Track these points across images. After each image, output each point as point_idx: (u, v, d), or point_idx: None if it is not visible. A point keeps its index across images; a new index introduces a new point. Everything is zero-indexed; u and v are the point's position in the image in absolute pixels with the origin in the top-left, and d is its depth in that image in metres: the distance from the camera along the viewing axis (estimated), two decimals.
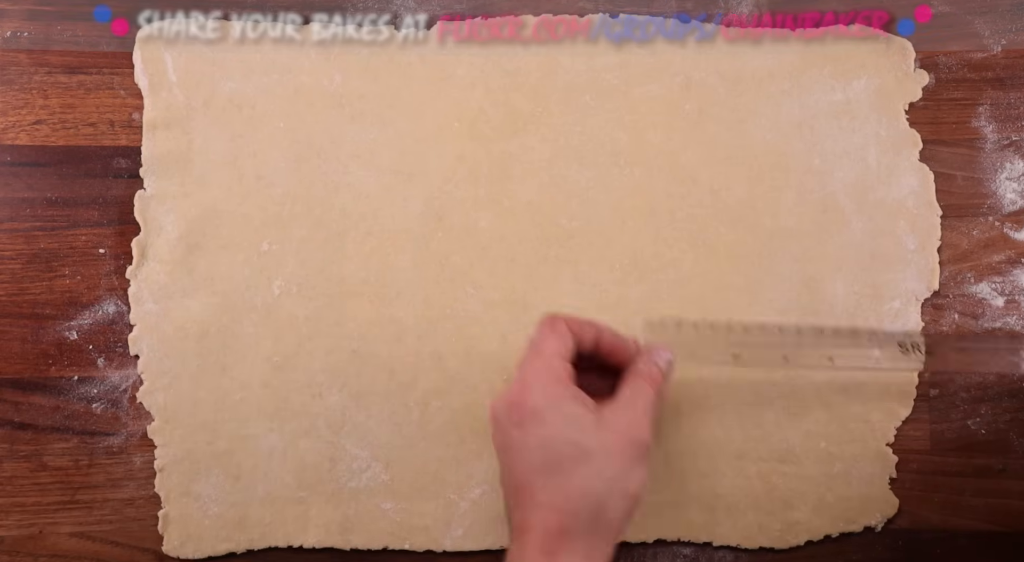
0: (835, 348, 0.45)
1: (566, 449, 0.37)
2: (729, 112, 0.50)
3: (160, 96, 0.49)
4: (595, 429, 0.38)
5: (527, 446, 0.38)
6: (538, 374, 0.39)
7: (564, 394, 0.39)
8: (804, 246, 0.49)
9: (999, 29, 0.50)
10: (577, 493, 0.37)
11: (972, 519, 0.49)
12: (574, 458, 0.37)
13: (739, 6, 0.51)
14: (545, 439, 0.38)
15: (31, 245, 0.49)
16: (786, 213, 0.50)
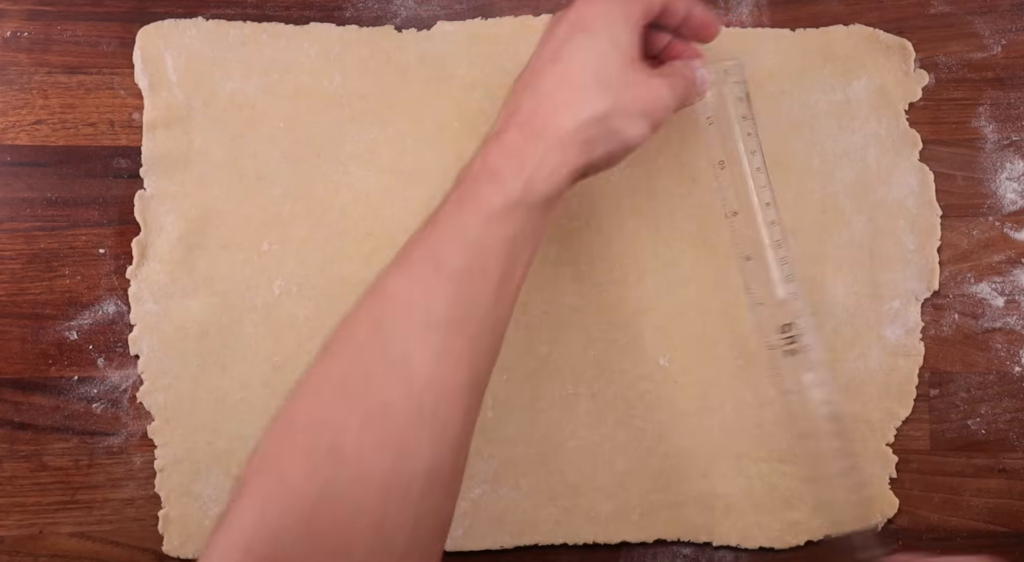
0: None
1: (592, 77, 0.38)
2: None
3: (160, 96, 0.49)
4: (630, 72, 0.39)
5: (565, 58, 0.38)
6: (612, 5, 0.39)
7: (623, 30, 0.39)
8: (804, 246, 0.49)
9: (999, 29, 0.50)
10: (586, 114, 0.37)
11: (972, 519, 0.49)
12: (597, 85, 0.38)
13: (739, 6, 0.51)
14: (585, 58, 0.38)
15: (31, 245, 0.49)
16: (786, 213, 0.50)
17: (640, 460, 0.49)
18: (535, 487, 0.49)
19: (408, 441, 0.32)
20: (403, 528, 0.31)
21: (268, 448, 0.32)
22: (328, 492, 0.30)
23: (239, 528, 0.30)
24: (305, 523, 0.30)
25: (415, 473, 0.32)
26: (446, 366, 0.33)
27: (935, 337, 0.50)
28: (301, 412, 0.32)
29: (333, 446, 0.31)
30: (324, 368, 0.33)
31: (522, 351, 0.49)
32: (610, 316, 0.50)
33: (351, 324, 0.34)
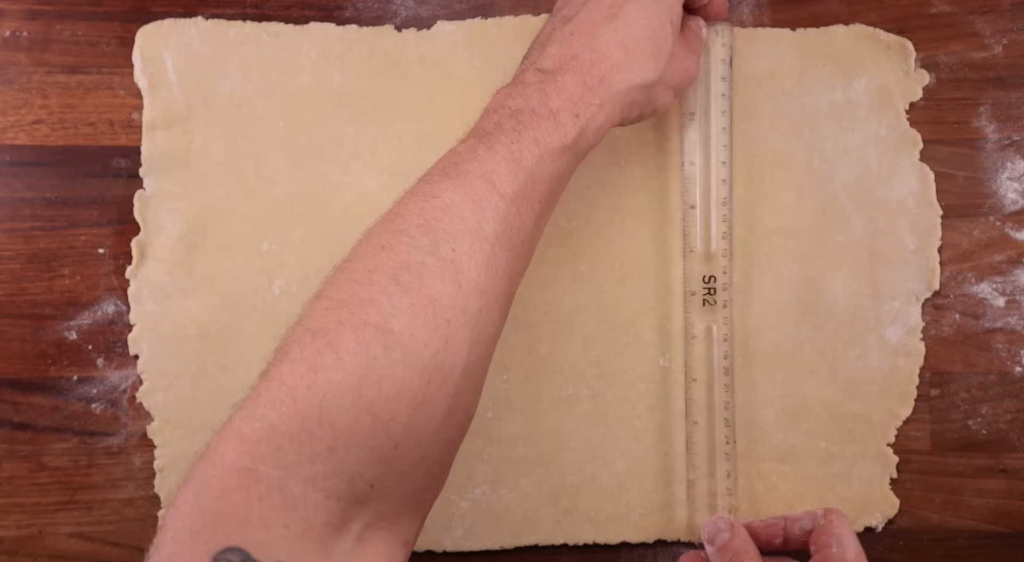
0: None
1: (649, 43, 0.40)
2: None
3: (160, 96, 0.49)
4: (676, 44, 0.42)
5: (624, 18, 0.40)
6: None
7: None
8: (804, 246, 0.49)
9: (1000, 28, 0.50)
10: (639, 79, 0.40)
11: (972, 519, 0.49)
12: (652, 52, 0.41)
13: (740, 6, 0.51)
14: (644, 23, 0.40)
15: (30, 245, 0.49)
16: (786, 213, 0.50)
17: (640, 460, 0.49)
18: (535, 487, 0.49)
19: (453, 336, 0.33)
20: (438, 413, 0.33)
21: (315, 321, 0.33)
22: (376, 367, 0.31)
23: (289, 383, 0.31)
24: (353, 392, 0.31)
25: (455, 365, 0.33)
26: (492, 274, 0.35)
27: (936, 337, 0.50)
28: (349, 293, 0.33)
29: (384, 327, 0.32)
30: (373, 255, 0.34)
31: (522, 351, 0.49)
32: (610, 316, 0.50)
33: (399, 221, 0.35)
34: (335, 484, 0.30)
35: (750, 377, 0.49)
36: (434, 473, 0.35)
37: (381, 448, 0.31)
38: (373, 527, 0.32)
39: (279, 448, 0.30)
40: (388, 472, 0.32)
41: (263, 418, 0.30)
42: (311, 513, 0.30)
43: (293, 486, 0.30)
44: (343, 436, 0.31)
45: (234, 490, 0.29)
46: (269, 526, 0.29)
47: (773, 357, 0.49)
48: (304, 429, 0.30)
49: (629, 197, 0.50)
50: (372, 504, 0.32)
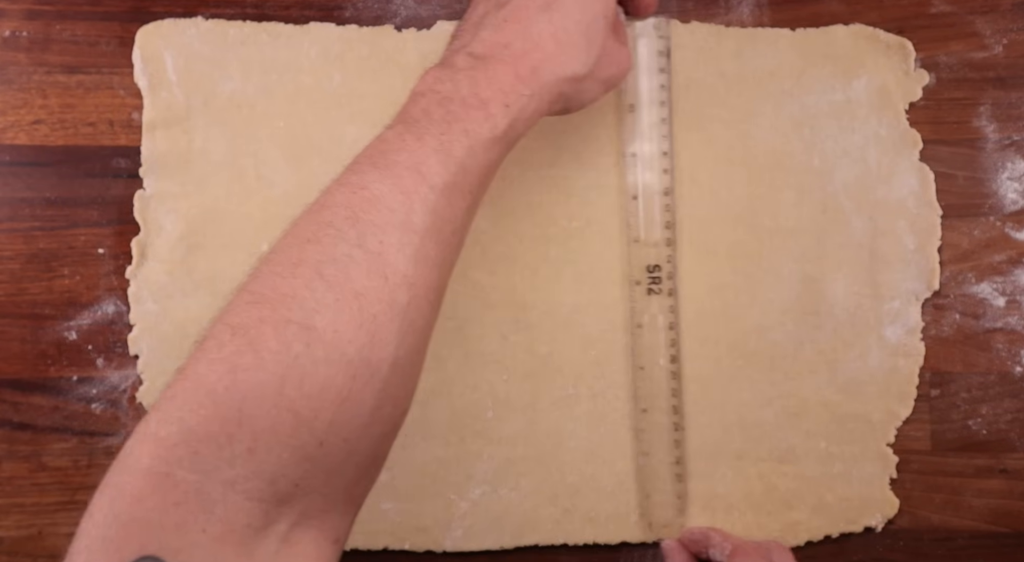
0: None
1: (583, 36, 0.40)
2: (729, 112, 0.50)
3: (160, 96, 0.49)
4: (609, 38, 0.42)
5: (559, 9, 0.40)
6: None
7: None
8: (804, 246, 0.49)
9: (1000, 28, 0.50)
10: (570, 71, 0.40)
11: (972, 519, 0.49)
12: (585, 45, 0.40)
13: (739, 6, 0.51)
14: (579, 16, 0.40)
15: (30, 245, 0.49)
16: (786, 213, 0.50)
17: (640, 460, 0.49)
18: (535, 487, 0.49)
19: (379, 331, 0.33)
20: (364, 409, 0.32)
21: (236, 316, 0.32)
22: (298, 365, 0.31)
23: (207, 384, 0.30)
24: (274, 392, 0.30)
25: (383, 360, 0.33)
26: (421, 267, 0.34)
27: (936, 337, 0.50)
28: (272, 287, 0.32)
29: (307, 324, 0.31)
30: (298, 247, 0.33)
31: (522, 351, 0.49)
32: (610, 316, 0.50)
33: (325, 213, 0.34)
34: (256, 485, 0.30)
35: (750, 377, 0.49)
36: (364, 467, 0.34)
37: (305, 447, 0.31)
38: (300, 526, 0.32)
39: (196, 452, 0.29)
40: (313, 470, 0.31)
41: (180, 421, 0.30)
42: (231, 516, 0.29)
43: (211, 489, 0.29)
44: (264, 437, 0.30)
45: (149, 496, 0.29)
46: (186, 532, 0.29)
47: (773, 357, 0.49)
48: (223, 432, 0.30)
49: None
50: (297, 503, 0.31)
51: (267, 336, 0.31)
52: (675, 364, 0.49)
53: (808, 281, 0.49)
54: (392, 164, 0.35)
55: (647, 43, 0.48)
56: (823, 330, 0.49)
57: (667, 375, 0.48)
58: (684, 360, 0.49)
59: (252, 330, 0.31)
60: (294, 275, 0.33)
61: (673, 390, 0.49)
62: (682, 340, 0.49)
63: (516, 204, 0.50)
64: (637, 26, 0.48)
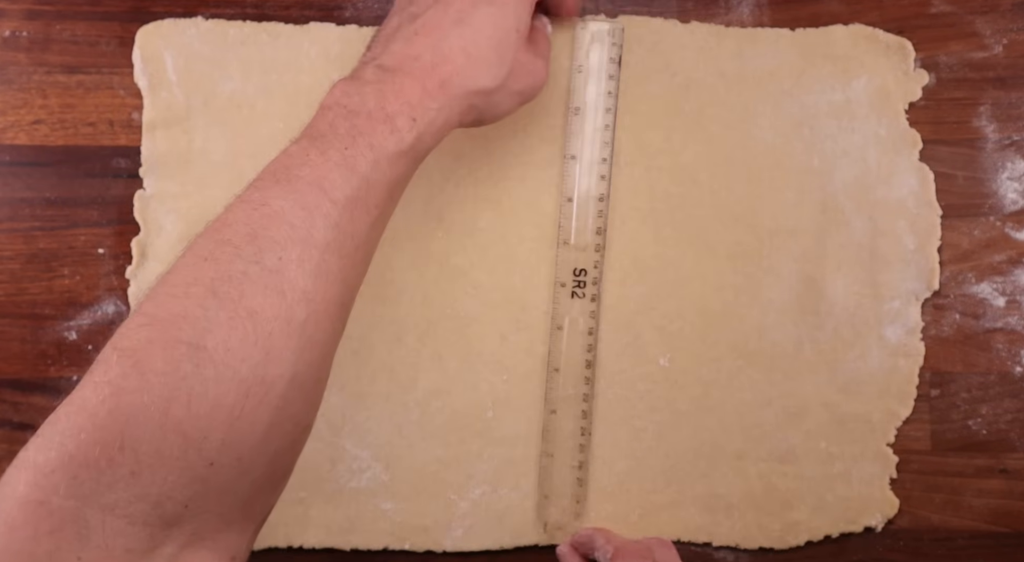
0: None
1: (494, 50, 0.40)
2: (729, 112, 0.50)
3: (160, 96, 0.49)
4: (521, 52, 0.42)
5: (470, 24, 0.40)
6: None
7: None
8: (804, 246, 0.49)
9: (1000, 28, 0.50)
10: (479, 85, 0.40)
11: (972, 519, 0.49)
12: (496, 59, 0.41)
13: (739, 6, 0.51)
14: (491, 31, 0.40)
15: (30, 245, 0.49)
16: (786, 213, 0.50)
17: (640, 460, 0.49)
18: (535, 487, 0.49)
19: (274, 347, 0.32)
20: (259, 427, 0.32)
21: (126, 339, 0.31)
22: (186, 386, 0.30)
23: (90, 408, 0.30)
24: (160, 413, 0.30)
25: (277, 378, 0.32)
26: (321, 282, 0.34)
27: (936, 337, 0.50)
28: (164, 308, 0.32)
29: (197, 343, 0.31)
30: (194, 266, 0.33)
31: (522, 351, 0.49)
32: (610, 316, 0.50)
33: (225, 230, 0.34)
34: (139, 509, 0.29)
35: (750, 377, 0.49)
36: (260, 485, 0.33)
37: (194, 468, 0.30)
38: (191, 547, 0.31)
39: (74, 477, 0.29)
40: (204, 491, 0.31)
41: (60, 447, 0.29)
42: (109, 541, 0.29)
43: (89, 515, 0.29)
44: (148, 460, 0.29)
45: (21, 525, 0.28)
46: (59, 560, 0.28)
47: (773, 357, 0.49)
48: (103, 456, 0.29)
49: (629, 197, 0.50)
50: (187, 524, 0.31)
51: (155, 357, 0.30)
52: (589, 370, 0.49)
53: (808, 281, 0.49)
54: (294, 179, 0.35)
55: (599, 49, 0.48)
56: (823, 330, 0.49)
57: (580, 379, 0.49)
58: (599, 364, 0.49)
59: (140, 352, 0.31)
60: (187, 295, 0.32)
61: (584, 395, 0.49)
62: (600, 345, 0.49)
63: (516, 204, 0.50)
64: (592, 32, 0.48)
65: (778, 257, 0.49)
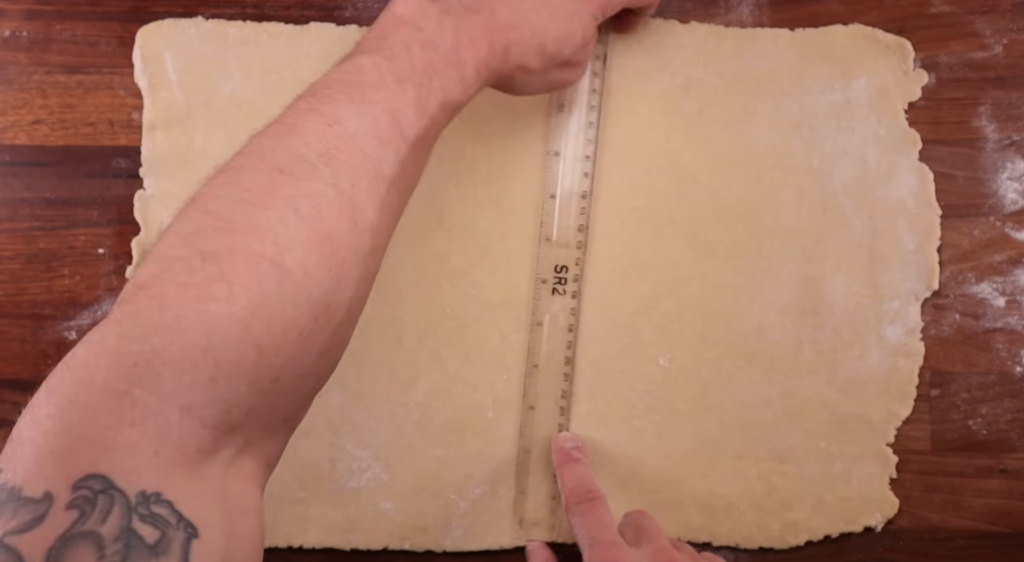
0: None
1: (565, 22, 0.40)
2: (729, 112, 0.50)
3: (160, 96, 0.49)
4: (589, 32, 0.42)
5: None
6: None
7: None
8: (804, 246, 0.49)
9: (1000, 28, 0.50)
10: (536, 62, 0.40)
11: (972, 519, 0.49)
12: (562, 35, 0.40)
13: (739, 6, 0.51)
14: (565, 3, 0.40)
15: (30, 245, 0.49)
16: (786, 213, 0.50)
17: (640, 460, 0.49)
18: (535, 487, 0.49)
19: (345, 275, 0.33)
20: (317, 348, 0.33)
21: (205, 241, 0.31)
22: (268, 304, 0.31)
23: (175, 308, 0.30)
24: (242, 327, 0.30)
25: (340, 305, 0.33)
26: (384, 215, 0.35)
27: (936, 337, 0.50)
28: (243, 216, 0.32)
29: (278, 261, 0.31)
30: (268, 177, 0.33)
31: (522, 351, 0.49)
32: (610, 316, 0.50)
33: (298, 142, 0.34)
34: (212, 413, 0.30)
35: (750, 377, 0.49)
36: (302, 402, 0.35)
37: (261, 381, 0.31)
38: (244, 452, 0.32)
39: (158, 374, 0.29)
40: (264, 403, 0.32)
41: (144, 340, 0.29)
42: (184, 440, 0.29)
43: (168, 413, 0.29)
44: (226, 369, 0.30)
45: (105, 413, 0.28)
46: (138, 453, 0.28)
47: (773, 357, 0.49)
48: (188, 358, 0.29)
49: (629, 197, 0.50)
50: (244, 432, 0.31)
51: (240, 270, 0.30)
52: (568, 366, 0.49)
53: (808, 281, 0.49)
54: (369, 102, 0.35)
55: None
56: (823, 330, 0.49)
57: (559, 376, 0.49)
58: (578, 362, 0.49)
59: (224, 260, 0.30)
60: (267, 206, 0.32)
61: (563, 391, 0.49)
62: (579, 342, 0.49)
63: (516, 204, 0.50)
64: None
65: (778, 257, 0.49)
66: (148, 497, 0.28)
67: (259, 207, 0.32)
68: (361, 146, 0.34)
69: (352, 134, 0.34)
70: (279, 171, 0.33)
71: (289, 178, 0.32)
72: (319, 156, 0.33)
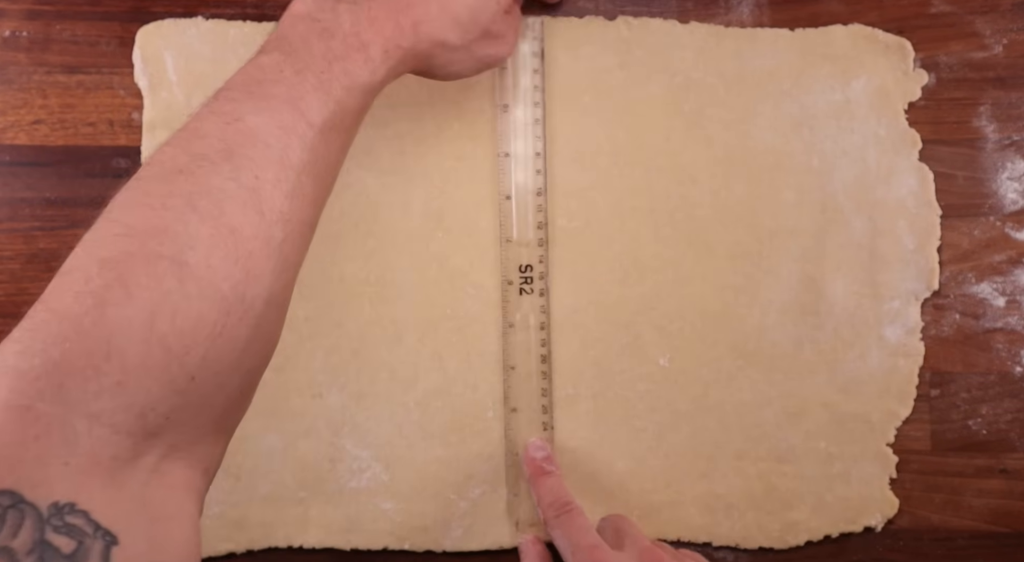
0: None
1: (469, 9, 0.40)
2: (729, 112, 0.50)
3: (160, 96, 0.49)
4: (495, 22, 0.42)
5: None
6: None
7: None
8: (804, 246, 0.49)
9: (1000, 28, 0.50)
10: (444, 38, 0.40)
11: (972, 519, 0.49)
12: (469, 17, 0.40)
13: (739, 6, 0.51)
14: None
15: (30, 245, 0.49)
16: (786, 213, 0.50)
17: (640, 460, 0.49)
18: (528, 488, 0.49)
19: (255, 267, 0.32)
20: (238, 344, 0.32)
21: (104, 249, 0.31)
22: (171, 302, 0.30)
23: (73, 317, 0.29)
24: (145, 327, 0.30)
25: (257, 296, 0.33)
26: (297, 203, 0.34)
27: (936, 337, 0.50)
28: (142, 220, 0.32)
29: (179, 259, 0.31)
30: (167, 180, 0.33)
31: (522, 351, 0.49)
32: (610, 316, 0.50)
33: (198, 143, 0.33)
34: (124, 419, 0.29)
35: (750, 377, 0.49)
36: (234, 399, 0.34)
37: (176, 381, 0.30)
38: (169, 458, 0.31)
39: (61, 385, 0.28)
40: (184, 404, 0.31)
41: (43, 354, 0.29)
42: (96, 448, 0.29)
43: (76, 422, 0.28)
44: (133, 371, 0.29)
45: (7, 431, 0.28)
46: (46, 465, 0.28)
47: (773, 357, 0.49)
48: (90, 365, 0.29)
49: (629, 197, 0.50)
50: (167, 435, 0.31)
51: (137, 271, 0.30)
52: (545, 364, 0.49)
53: (808, 281, 0.49)
54: (269, 96, 0.35)
55: (522, 44, 0.49)
56: (823, 330, 0.49)
57: (538, 375, 0.49)
58: (555, 360, 0.49)
59: (121, 264, 0.30)
60: (165, 207, 0.32)
61: (543, 390, 0.49)
62: (553, 340, 0.49)
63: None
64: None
65: (778, 257, 0.49)
66: (61, 508, 0.27)
67: (157, 209, 0.32)
68: (264, 138, 0.34)
69: (253, 128, 0.34)
70: (179, 172, 0.33)
71: (188, 177, 0.32)
72: (219, 153, 0.33)
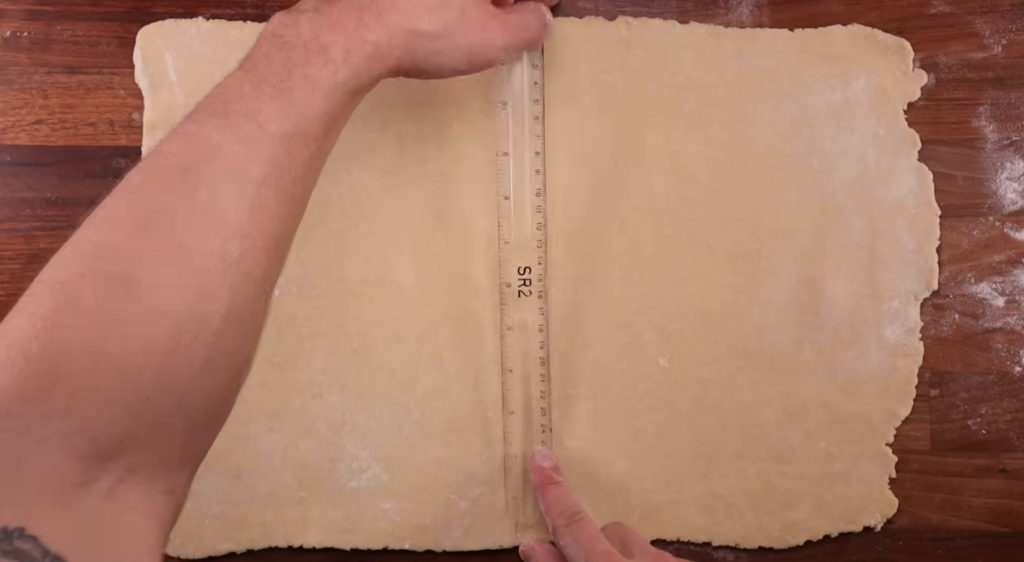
0: None
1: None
2: (729, 112, 0.50)
3: (160, 96, 0.49)
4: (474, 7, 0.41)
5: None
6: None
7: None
8: (804, 246, 0.49)
9: (1000, 29, 0.50)
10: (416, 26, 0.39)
11: (972, 519, 0.49)
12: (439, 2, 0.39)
13: (739, 6, 0.51)
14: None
15: (30, 245, 0.49)
16: (786, 213, 0.50)
17: (640, 460, 0.49)
18: (528, 490, 0.49)
19: (207, 284, 0.32)
20: (195, 363, 0.32)
21: (56, 271, 0.31)
22: (120, 321, 0.30)
23: (22, 342, 0.29)
24: (95, 348, 0.30)
25: (212, 314, 0.32)
26: (257, 217, 0.34)
27: (935, 337, 0.50)
28: (95, 241, 0.32)
29: (129, 278, 0.31)
30: (124, 201, 0.33)
31: (522, 351, 0.49)
32: (610, 316, 0.50)
33: (160, 162, 0.33)
34: (74, 442, 0.29)
35: (750, 377, 0.49)
36: (198, 420, 0.33)
37: (128, 403, 0.30)
38: (126, 482, 0.31)
39: (9, 410, 0.28)
40: (139, 426, 0.30)
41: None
42: (45, 474, 0.28)
43: (23, 448, 0.28)
44: (83, 394, 0.29)
45: None
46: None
47: (773, 357, 0.49)
48: (38, 389, 0.29)
49: (629, 197, 0.50)
50: (122, 459, 0.30)
51: (87, 292, 0.30)
52: (544, 367, 0.49)
53: (808, 281, 0.49)
54: (230, 112, 0.34)
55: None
56: (823, 330, 0.49)
57: (536, 378, 0.49)
58: (555, 360, 0.49)
59: (71, 286, 0.30)
60: (117, 228, 0.32)
61: (542, 392, 0.49)
62: (552, 339, 0.49)
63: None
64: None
65: (778, 257, 0.49)
66: (11, 533, 0.27)
67: (108, 230, 0.32)
68: (223, 154, 0.33)
69: (214, 145, 0.34)
70: (134, 192, 0.33)
71: (143, 197, 0.32)
72: (176, 171, 0.33)
